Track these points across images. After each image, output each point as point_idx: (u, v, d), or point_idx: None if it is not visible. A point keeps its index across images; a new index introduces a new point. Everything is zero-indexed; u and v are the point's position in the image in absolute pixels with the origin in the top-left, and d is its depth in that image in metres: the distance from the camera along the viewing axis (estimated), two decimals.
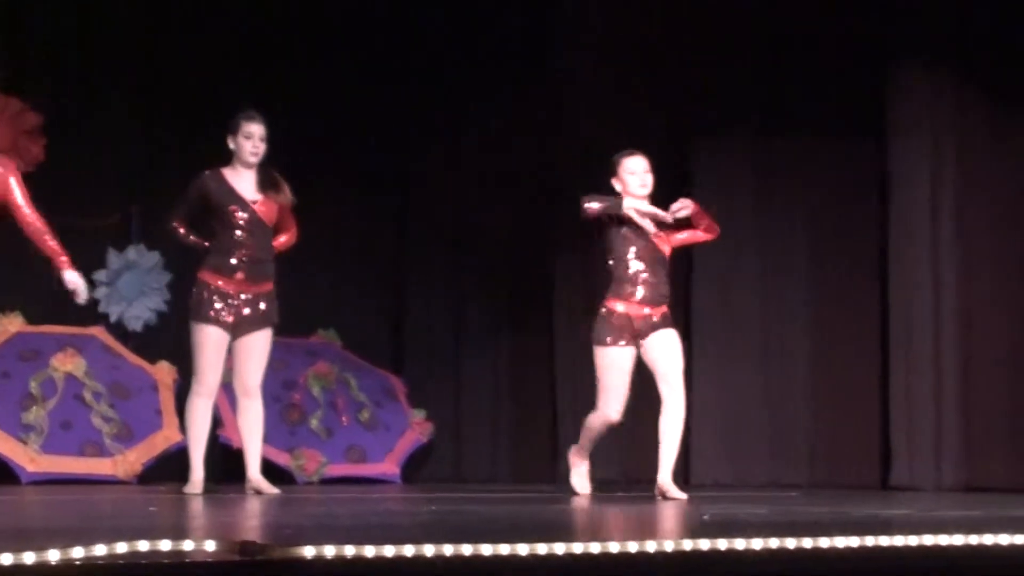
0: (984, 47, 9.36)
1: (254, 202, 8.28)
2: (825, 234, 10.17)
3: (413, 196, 11.25)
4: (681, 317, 10.33)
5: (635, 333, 8.04)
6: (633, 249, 8.05)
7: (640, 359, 8.11)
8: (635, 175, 8.05)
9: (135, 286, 10.40)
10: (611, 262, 8.11)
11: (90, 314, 10.16)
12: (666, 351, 8.06)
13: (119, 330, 10.34)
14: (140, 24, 10.44)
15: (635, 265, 8.05)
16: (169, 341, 10.38)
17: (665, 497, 7.69)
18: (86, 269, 10.24)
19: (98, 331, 10.26)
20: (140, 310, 10.45)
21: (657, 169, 8.26)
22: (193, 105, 10.31)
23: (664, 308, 8.13)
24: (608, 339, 8.06)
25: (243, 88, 10.22)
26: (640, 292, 8.05)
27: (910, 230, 9.64)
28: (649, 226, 7.99)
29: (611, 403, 8.09)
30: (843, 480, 9.84)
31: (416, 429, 10.87)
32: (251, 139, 8.30)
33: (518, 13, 10.93)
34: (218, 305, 8.24)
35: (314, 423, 10.47)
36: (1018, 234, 9.24)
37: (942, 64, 9.54)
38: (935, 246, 9.54)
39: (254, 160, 8.31)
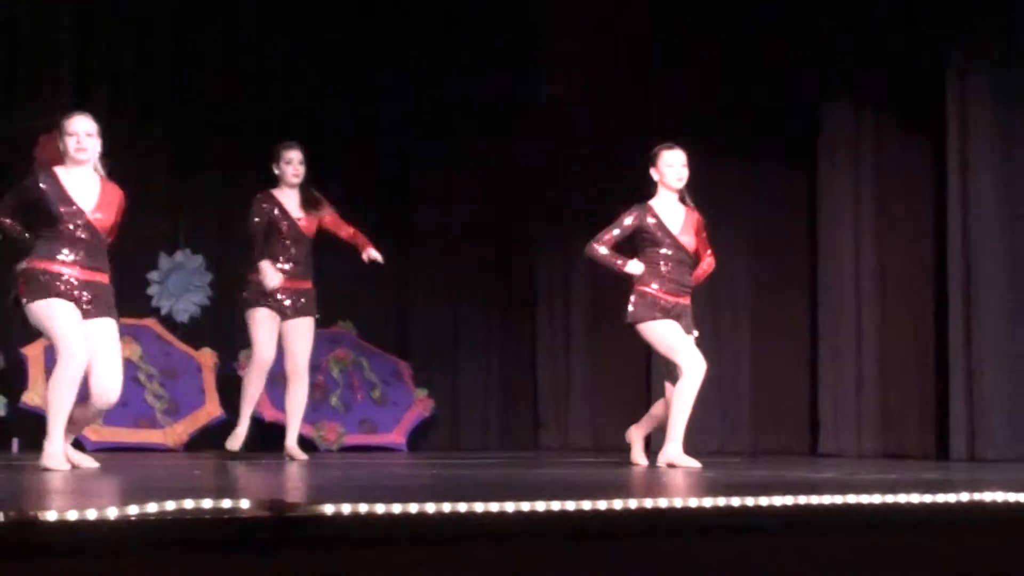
0: (897, 86, 9.36)
1: (299, 219, 8.28)
2: (764, 242, 10.19)
3: (415, 207, 11.24)
4: None
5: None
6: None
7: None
8: (672, 168, 7.44)
9: (182, 284, 10.39)
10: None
11: (144, 307, 10.16)
12: None
13: (168, 321, 10.33)
14: (182, 62, 10.42)
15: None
16: (211, 330, 10.38)
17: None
18: (141, 270, 10.27)
19: (151, 322, 10.25)
20: (186, 304, 10.43)
21: (622, 185, 8.22)
22: (226, 131, 10.30)
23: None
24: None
25: (271, 113, 10.21)
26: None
27: (835, 238, 9.64)
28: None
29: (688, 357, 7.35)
30: (779, 448, 9.85)
31: (420, 405, 10.86)
32: (291, 164, 8.30)
33: (507, 45, 10.92)
34: (269, 299, 8.21)
35: (334, 400, 10.46)
36: (925, 243, 9.25)
37: (863, 98, 9.55)
38: (857, 250, 9.54)
39: (296, 181, 8.31)
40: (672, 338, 7.34)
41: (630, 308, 7.37)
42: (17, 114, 9.71)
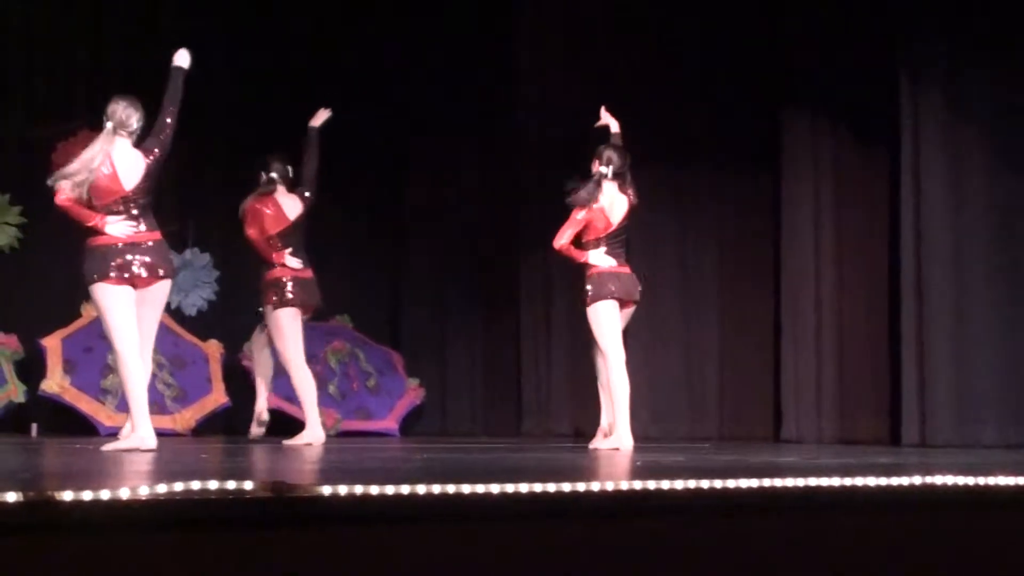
0: (854, 95, 9.38)
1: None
2: (730, 241, 10.20)
3: (407, 210, 11.24)
4: None
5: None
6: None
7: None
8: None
9: (190, 280, 10.36)
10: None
11: None
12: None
13: (178, 315, 10.30)
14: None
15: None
16: (217, 324, 10.35)
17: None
18: None
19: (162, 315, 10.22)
20: (195, 299, 10.41)
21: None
22: (231, 137, 10.27)
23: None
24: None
25: (274, 117, 10.18)
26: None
27: (797, 237, 9.67)
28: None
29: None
30: (744, 434, 9.87)
31: (411, 394, 10.85)
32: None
33: (492, 56, 10.92)
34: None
35: (331, 388, 10.44)
36: (880, 244, 9.27)
37: (822, 108, 9.57)
38: (817, 250, 9.57)
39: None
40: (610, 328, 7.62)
41: (588, 288, 7.60)
42: (35, 121, 9.69)
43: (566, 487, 3.22)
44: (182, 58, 6.75)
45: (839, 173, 9.53)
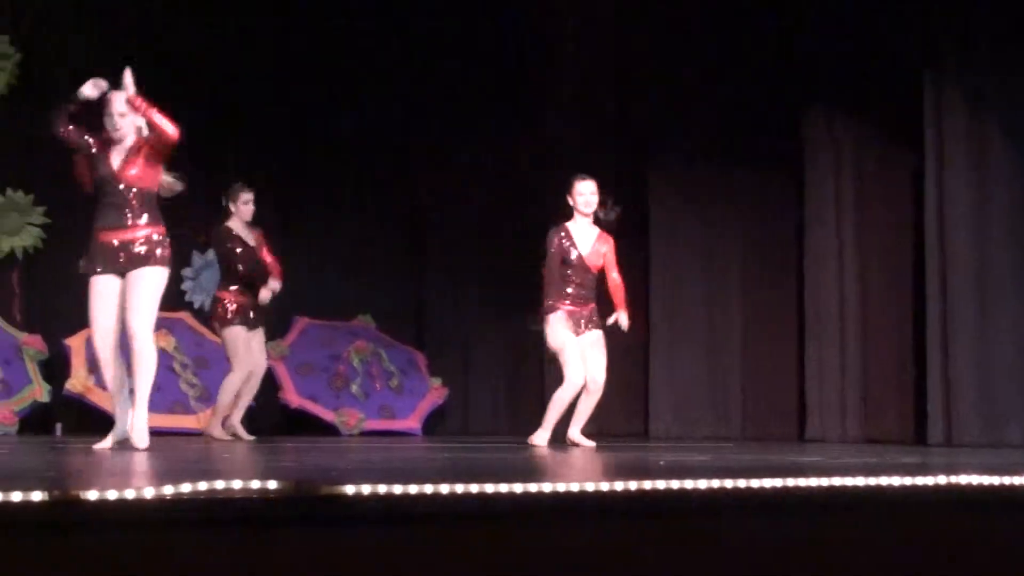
0: (877, 94, 9.36)
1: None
2: (754, 240, 10.19)
3: (428, 211, 11.25)
4: (640, 308, 10.36)
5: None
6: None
7: None
8: (583, 196, 7.93)
9: (213, 280, 10.38)
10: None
11: (178, 301, 10.16)
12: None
13: (201, 314, 10.33)
14: (208, 73, 10.41)
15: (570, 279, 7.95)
16: None
17: (575, 445, 7.79)
18: (176, 267, 10.26)
19: (185, 315, 10.26)
20: None
21: (618, 185, 8.25)
22: (252, 138, 10.31)
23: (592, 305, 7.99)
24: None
25: (291, 119, 10.20)
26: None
27: (820, 235, 9.64)
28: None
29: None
30: (768, 434, 9.85)
31: (434, 393, 10.87)
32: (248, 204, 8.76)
33: (508, 58, 10.92)
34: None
35: (354, 388, 10.47)
36: (904, 242, 9.25)
37: (844, 105, 9.55)
38: (840, 248, 9.55)
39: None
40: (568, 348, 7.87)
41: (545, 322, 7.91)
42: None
43: (589, 487, 3.22)
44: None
45: (861, 171, 9.50)
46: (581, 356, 7.86)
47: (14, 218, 9.89)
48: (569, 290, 7.90)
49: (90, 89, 6.57)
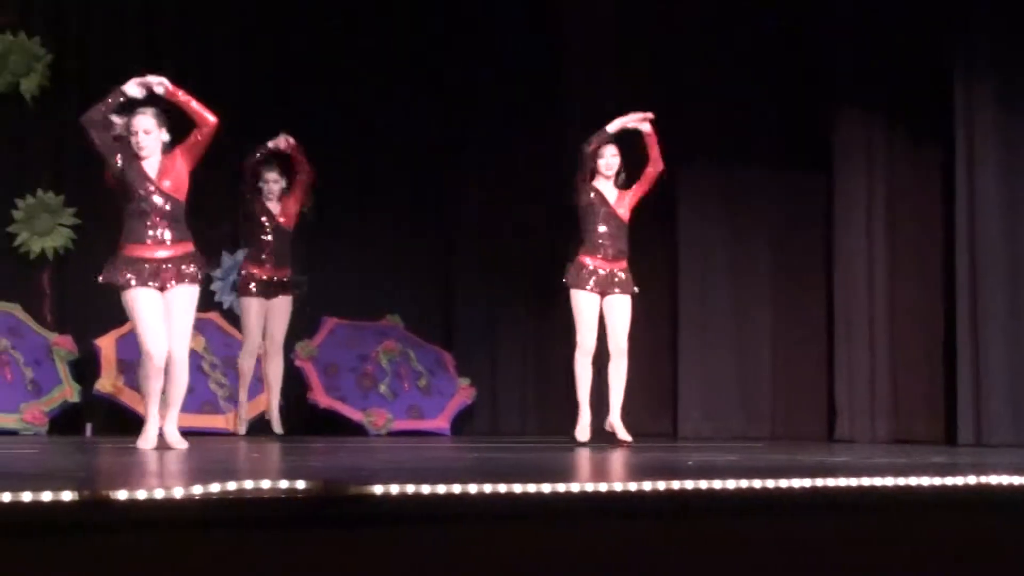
0: (907, 92, 9.32)
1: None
2: (783, 240, 10.16)
3: (456, 211, 11.24)
4: (668, 307, 10.34)
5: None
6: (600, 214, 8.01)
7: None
8: (603, 158, 8.08)
9: None
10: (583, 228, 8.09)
11: (207, 302, 10.18)
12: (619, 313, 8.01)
13: (230, 315, 10.35)
14: (239, 73, 10.44)
15: (601, 228, 8.01)
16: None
17: (615, 435, 7.83)
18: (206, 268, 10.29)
19: (214, 316, 10.28)
20: None
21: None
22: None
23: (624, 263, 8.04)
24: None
25: (321, 118, 10.19)
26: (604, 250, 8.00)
27: (850, 235, 9.61)
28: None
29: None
30: (797, 434, 9.82)
31: (462, 393, 10.86)
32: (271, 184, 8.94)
33: (541, 62, 10.92)
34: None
35: (383, 388, 10.47)
36: (933, 240, 9.21)
37: (874, 104, 9.52)
38: (870, 247, 9.51)
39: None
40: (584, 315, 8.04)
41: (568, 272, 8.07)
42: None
43: (618, 487, 3.22)
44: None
45: (892, 170, 9.47)
46: (596, 318, 7.93)
47: (45, 219, 9.94)
48: (601, 241, 7.97)
49: (134, 88, 6.58)
